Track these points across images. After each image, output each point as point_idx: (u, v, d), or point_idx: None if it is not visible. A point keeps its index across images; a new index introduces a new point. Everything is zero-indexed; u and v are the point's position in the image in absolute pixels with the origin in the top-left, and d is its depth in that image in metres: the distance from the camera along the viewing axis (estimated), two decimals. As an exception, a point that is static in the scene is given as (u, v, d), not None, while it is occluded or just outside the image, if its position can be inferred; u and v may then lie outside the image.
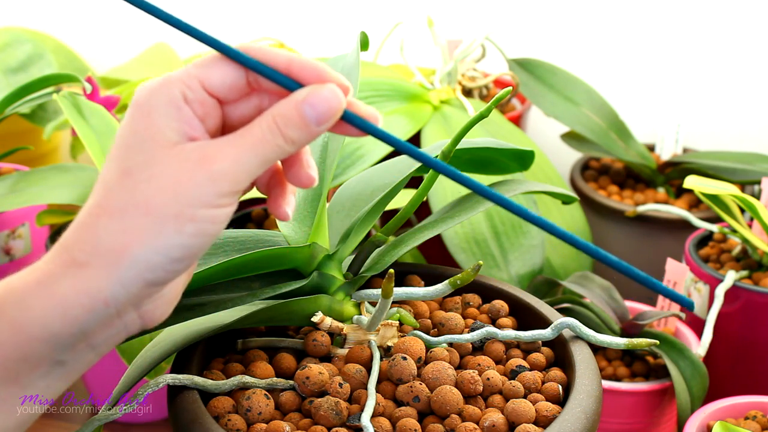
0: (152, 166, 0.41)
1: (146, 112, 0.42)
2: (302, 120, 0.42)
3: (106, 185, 0.42)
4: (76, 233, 0.42)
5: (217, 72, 0.43)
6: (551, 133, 1.23)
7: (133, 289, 0.42)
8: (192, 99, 0.43)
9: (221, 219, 0.42)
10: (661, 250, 1.02)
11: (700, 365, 0.83)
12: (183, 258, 0.42)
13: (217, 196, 0.42)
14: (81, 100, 0.88)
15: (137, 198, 0.41)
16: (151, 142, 0.42)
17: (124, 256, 0.41)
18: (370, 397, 0.53)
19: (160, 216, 0.41)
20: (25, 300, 0.41)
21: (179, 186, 0.41)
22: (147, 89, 0.43)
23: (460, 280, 0.56)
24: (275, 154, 0.43)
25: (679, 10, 1.25)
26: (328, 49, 1.35)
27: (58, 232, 0.97)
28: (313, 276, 0.59)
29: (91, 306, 0.41)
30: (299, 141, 0.43)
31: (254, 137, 0.42)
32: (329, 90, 0.43)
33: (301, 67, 0.43)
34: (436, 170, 0.45)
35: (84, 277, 0.41)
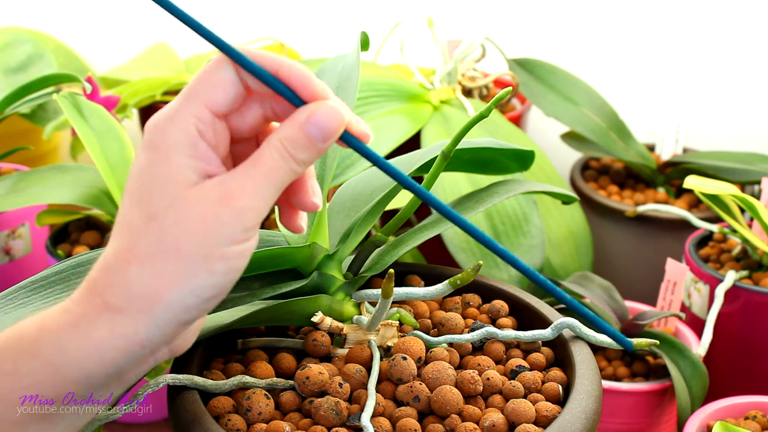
0: (176, 209, 0.42)
1: (163, 153, 0.42)
2: (309, 140, 0.43)
3: (132, 230, 0.42)
4: (107, 278, 0.42)
5: (220, 90, 0.44)
6: (551, 133, 1.23)
7: (168, 330, 0.42)
8: (205, 131, 0.43)
9: (249, 252, 0.43)
10: (661, 250, 1.02)
11: (700, 365, 0.83)
12: (215, 296, 0.43)
13: (244, 231, 0.42)
14: (81, 100, 0.88)
15: (166, 243, 0.41)
16: (172, 184, 0.42)
17: (158, 301, 0.41)
18: (370, 397, 0.53)
19: (191, 259, 0.41)
20: (62, 342, 0.41)
21: (206, 227, 0.42)
22: (160, 128, 0.43)
23: (460, 280, 0.56)
24: (289, 177, 0.44)
25: (679, 10, 1.25)
26: (328, 49, 1.35)
27: (58, 232, 0.97)
28: (313, 276, 0.59)
29: (127, 349, 0.42)
30: (309, 161, 0.44)
31: (268, 165, 0.43)
32: (329, 108, 0.44)
33: (290, 71, 0.44)
34: (418, 196, 0.47)
35: (120, 323, 0.41)
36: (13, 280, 0.79)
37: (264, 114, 0.46)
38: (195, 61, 1.27)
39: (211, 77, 0.44)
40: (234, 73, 0.44)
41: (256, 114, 0.46)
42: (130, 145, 0.89)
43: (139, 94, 1.14)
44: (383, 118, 0.97)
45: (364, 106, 0.97)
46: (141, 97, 1.14)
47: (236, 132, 0.46)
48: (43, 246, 1.01)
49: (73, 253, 0.92)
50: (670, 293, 0.91)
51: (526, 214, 0.90)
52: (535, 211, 0.91)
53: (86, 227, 0.96)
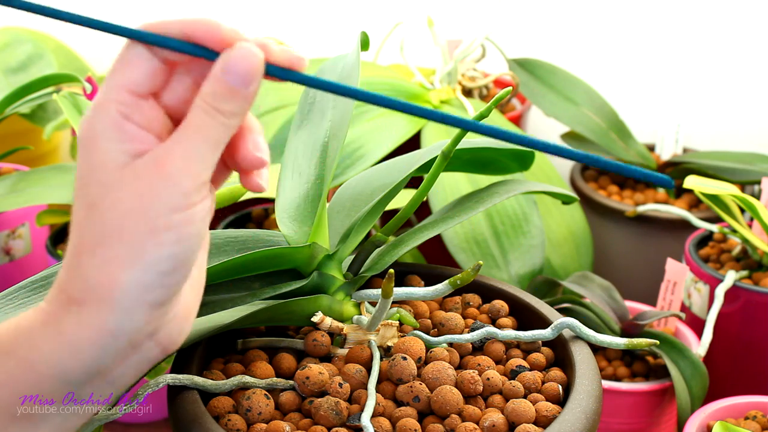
0: (112, 192, 0.41)
1: (90, 143, 0.42)
2: (230, 90, 0.42)
3: (77, 223, 0.42)
4: (66, 274, 0.42)
5: (134, 70, 0.42)
6: (551, 133, 1.23)
7: (137, 315, 0.41)
8: (130, 113, 0.42)
9: (198, 217, 0.42)
10: (661, 250, 1.02)
11: (700, 365, 0.83)
12: (174, 269, 0.41)
13: (183, 195, 0.41)
14: (81, 100, 0.88)
15: (108, 227, 0.41)
16: (102, 170, 0.41)
17: (115, 286, 0.40)
18: (370, 397, 0.53)
19: (136, 237, 0.40)
20: (34, 339, 0.41)
21: (143, 201, 0.40)
22: (86, 122, 0.42)
23: (460, 280, 0.56)
24: (222, 133, 0.42)
25: (679, 10, 1.25)
26: (328, 49, 1.35)
27: (58, 232, 0.97)
28: (313, 276, 0.59)
29: (98, 340, 0.41)
30: (238, 110, 0.42)
31: (195, 126, 0.42)
32: (242, 50, 0.42)
33: (194, 27, 0.42)
34: (374, 103, 0.43)
35: (85, 313, 0.41)
36: (13, 280, 0.79)
37: (195, 82, 0.44)
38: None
39: (123, 58, 0.42)
40: (144, 49, 0.43)
41: (186, 84, 0.44)
42: (130, 145, 0.89)
43: (139, 94, 1.14)
44: (383, 118, 0.97)
45: (364, 106, 0.97)
46: (141, 97, 1.14)
47: (172, 108, 0.44)
48: (43, 246, 1.01)
49: (73, 253, 0.92)
50: (670, 293, 0.91)
51: (526, 214, 0.90)
52: (535, 211, 0.91)
53: (86, 227, 0.96)
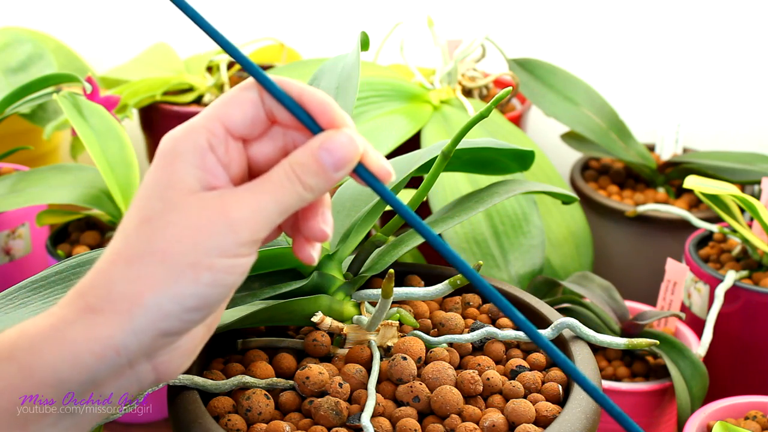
0: (170, 213, 0.41)
1: (170, 161, 0.42)
2: (320, 167, 0.42)
3: (124, 232, 0.42)
4: (91, 279, 0.41)
5: (238, 109, 0.43)
6: (551, 133, 1.23)
7: (146, 338, 0.41)
8: (216, 145, 0.42)
9: (239, 270, 0.42)
10: (661, 250, 1.02)
11: (700, 365, 0.83)
12: (198, 308, 0.41)
13: (237, 245, 0.41)
14: (81, 100, 0.88)
15: (154, 245, 0.40)
16: (171, 189, 0.41)
17: (136, 303, 0.40)
18: (370, 397, 0.53)
19: (176, 264, 0.40)
20: (37, 344, 0.40)
21: (197, 234, 0.40)
22: (172, 138, 0.42)
23: (460, 280, 0.56)
24: (295, 201, 0.42)
25: (679, 10, 1.25)
26: (328, 49, 1.35)
27: (58, 232, 0.97)
28: (313, 276, 0.59)
29: (101, 353, 0.40)
30: (317, 188, 0.42)
31: (273, 185, 0.42)
32: (345, 137, 0.42)
33: (311, 98, 0.43)
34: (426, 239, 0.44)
35: (96, 324, 0.40)
36: (13, 280, 0.79)
37: (285, 146, 0.44)
38: (195, 61, 1.27)
39: (232, 96, 0.43)
40: (256, 95, 0.43)
41: (277, 145, 0.44)
42: (130, 145, 0.89)
43: (139, 94, 1.14)
44: (383, 118, 0.97)
45: (364, 106, 0.97)
46: (141, 97, 1.14)
47: (255, 161, 0.44)
48: (43, 246, 1.01)
49: (73, 253, 0.92)
50: (670, 293, 0.91)
51: (526, 214, 0.90)
52: (535, 211, 0.91)
53: (86, 227, 0.96)
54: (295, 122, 0.44)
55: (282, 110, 0.43)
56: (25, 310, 0.55)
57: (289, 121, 0.44)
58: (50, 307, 0.42)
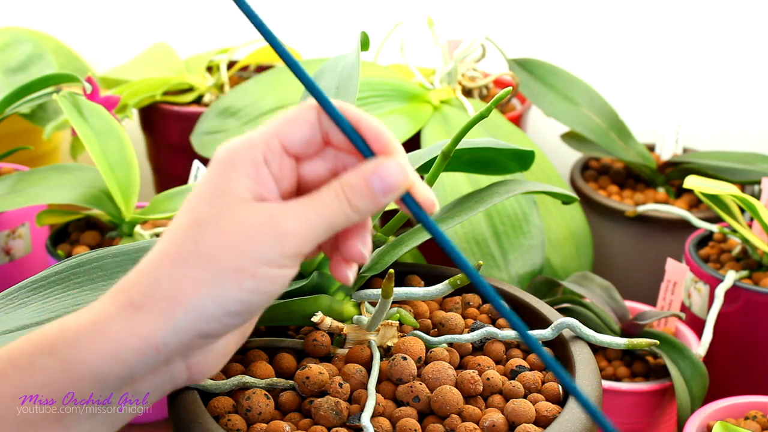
0: (221, 218, 0.42)
1: (225, 169, 0.43)
2: (369, 190, 0.44)
3: (173, 233, 0.43)
4: (136, 277, 0.42)
5: (296, 129, 0.45)
6: (551, 133, 1.23)
7: (185, 338, 0.42)
8: (271, 160, 0.44)
9: (282, 280, 0.43)
10: (661, 250, 1.02)
11: (700, 365, 0.83)
12: (238, 313, 0.42)
13: (282, 256, 0.42)
14: (81, 100, 0.88)
15: (202, 248, 0.42)
16: (223, 196, 0.43)
17: (180, 303, 0.41)
18: (370, 397, 0.53)
19: (222, 268, 0.41)
20: (79, 339, 0.41)
21: (246, 242, 0.42)
22: (230, 148, 0.44)
23: (460, 280, 0.56)
24: (341, 221, 0.44)
25: (679, 10, 1.25)
26: (328, 49, 1.35)
27: (58, 232, 0.97)
28: (313, 276, 0.59)
29: (142, 350, 0.41)
30: (364, 210, 0.44)
31: (322, 203, 0.43)
32: (397, 164, 0.44)
33: (367, 124, 0.45)
34: None
35: (138, 320, 0.41)
36: (13, 280, 0.79)
37: (335, 168, 0.46)
38: (195, 61, 1.27)
39: (293, 115, 0.45)
40: (315, 117, 0.45)
41: (327, 166, 0.46)
42: (130, 145, 0.89)
43: (139, 94, 1.14)
44: (383, 118, 0.97)
45: (364, 106, 0.97)
46: (141, 97, 1.14)
47: (305, 179, 0.46)
48: (43, 246, 1.01)
49: (73, 253, 0.92)
50: (670, 293, 0.91)
51: (526, 214, 0.90)
52: (535, 211, 0.91)
53: (86, 227, 0.96)
54: (348, 146, 0.45)
55: (337, 133, 0.45)
56: (25, 310, 0.55)
57: (342, 144, 0.45)
58: (92, 303, 0.43)
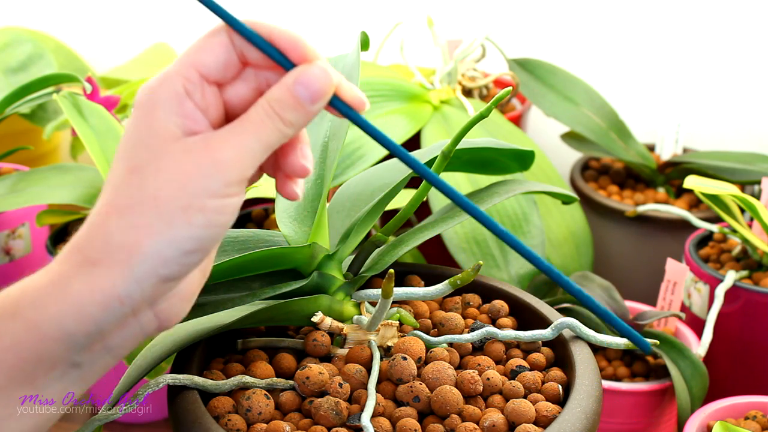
0: (158, 160, 0.42)
1: (149, 110, 0.43)
2: (297, 101, 0.43)
3: (113, 184, 0.42)
4: (87, 233, 0.42)
5: (210, 54, 0.44)
6: (551, 133, 1.23)
7: (147, 285, 0.42)
8: (192, 91, 0.43)
9: (230, 209, 0.43)
10: (661, 250, 1.02)
11: (700, 365, 0.83)
12: (195, 250, 0.42)
13: (225, 184, 0.42)
14: (81, 100, 0.88)
15: (145, 193, 0.41)
16: (155, 137, 0.42)
17: (135, 251, 0.41)
18: (370, 397, 0.53)
19: (169, 209, 0.41)
20: (40, 300, 0.41)
21: (186, 177, 0.41)
22: (148, 88, 0.43)
23: (460, 280, 0.56)
24: (276, 138, 0.43)
25: (679, 10, 1.25)
26: (328, 49, 1.35)
27: (58, 232, 0.97)
28: (313, 276, 0.59)
29: (105, 303, 0.41)
30: (297, 122, 0.44)
31: (254, 124, 0.43)
32: (319, 68, 0.43)
33: (281, 35, 0.44)
34: (415, 170, 0.45)
35: (97, 275, 0.41)
36: (13, 280, 0.79)
37: (259, 86, 0.46)
38: (195, 61, 1.27)
39: (203, 41, 0.44)
40: (227, 38, 0.44)
41: (250, 86, 0.45)
42: (130, 145, 0.89)
43: (139, 94, 1.14)
44: (383, 118, 0.97)
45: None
46: (141, 97, 1.14)
47: (230, 104, 0.45)
48: (43, 246, 1.01)
49: (73, 253, 0.92)
50: (670, 293, 0.91)
51: (526, 214, 0.90)
52: (535, 211, 0.91)
53: (86, 227, 0.96)
54: (267, 61, 0.45)
55: (253, 50, 0.44)
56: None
57: (261, 61, 0.45)
58: (48, 265, 0.43)
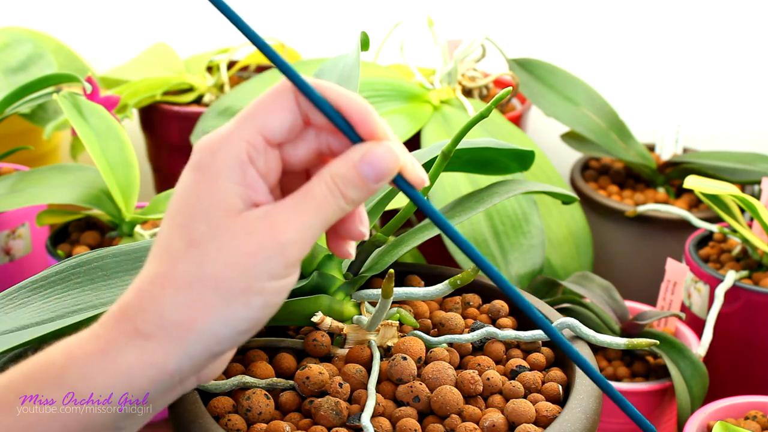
0: (219, 237, 0.41)
1: (211, 177, 0.41)
2: (361, 180, 0.42)
3: (171, 255, 0.41)
4: (139, 303, 0.41)
5: (276, 118, 0.42)
6: (551, 133, 1.23)
7: (199, 361, 0.41)
8: (256, 157, 0.42)
9: (287, 289, 0.42)
10: (661, 250, 1.02)
11: (700, 365, 0.83)
12: (249, 330, 0.42)
13: (285, 266, 0.41)
14: (81, 100, 0.88)
15: (205, 271, 0.40)
16: (216, 210, 0.41)
17: (191, 330, 0.40)
18: (370, 397, 0.53)
19: (229, 291, 0.40)
20: (87, 369, 0.40)
21: (248, 260, 0.40)
22: (210, 150, 0.41)
23: (460, 280, 0.56)
24: (336, 214, 0.42)
25: (679, 10, 1.25)
26: (328, 49, 1.35)
27: (58, 232, 0.97)
28: (313, 276, 0.59)
29: (156, 378, 0.41)
30: (358, 200, 0.43)
31: (316, 200, 0.42)
32: (386, 149, 0.42)
33: (350, 105, 0.43)
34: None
35: (150, 350, 0.40)
36: (13, 280, 0.79)
37: (319, 148, 0.44)
38: (195, 61, 1.27)
39: (270, 103, 0.42)
40: (293, 101, 0.42)
41: (310, 147, 0.44)
42: (130, 145, 0.89)
43: (139, 94, 1.14)
44: (383, 118, 0.97)
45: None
46: (141, 97, 1.14)
47: (288, 163, 0.44)
48: (43, 246, 1.01)
49: (73, 253, 0.92)
50: (670, 293, 0.91)
51: (526, 214, 0.90)
52: (535, 211, 0.91)
53: (86, 227, 0.96)
54: (330, 125, 0.43)
55: (318, 114, 0.43)
56: (25, 310, 0.55)
57: (324, 124, 0.43)
58: (92, 327, 0.42)
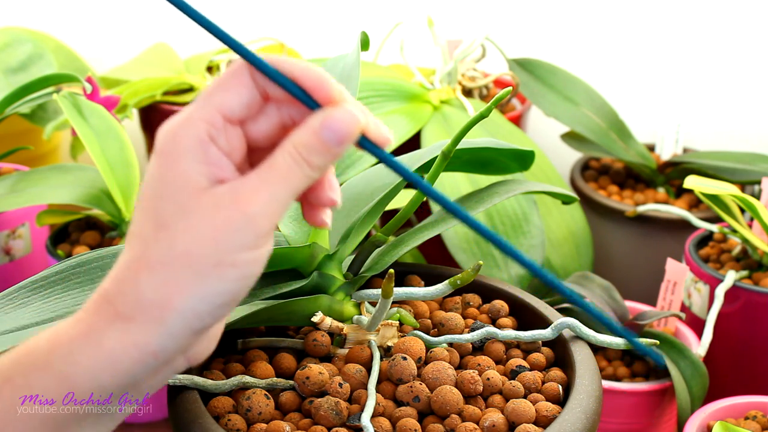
0: (187, 216, 0.41)
1: (173, 160, 0.42)
2: (323, 145, 0.42)
3: (142, 238, 0.42)
4: (117, 287, 0.42)
5: (233, 95, 0.43)
6: (551, 133, 1.23)
7: (181, 339, 0.42)
8: (217, 136, 0.42)
9: (261, 260, 0.42)
10: (661, 250, 1.02)
11: (700, 365, 0.83)
12: (227, 303, 0.42)
13: (256, 237, 0.42)
14: (81, 100, 0.88)
15: (176, 250, 0.41)
16: (181, 190, 0.41)
17: (169, 308, 0.41)
18: (370, 397, 0.53)
19: (201, 266, 0.41)
20: (73, 353, 0.41)
21: (217, 234, 0.41)
22: (170, 133, 0.42)
23: (460, 280, 0.56)
24: (303, 183, 0.43)
25: (679, 10, 1.25)
26: (328, 49, 1.35)
27: (58, 232, 0.97)
28: (313, 276, 0.59)
29: (140, 358, 0.41)
30: (323, 165, 0.43)
31: (281, 170, 0.42)
32: (345, 112, 0.43)
33: (305, 74, 0.43)
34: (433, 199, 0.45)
35: (131, 332, 0.41)
36: (13, 280, 0.79)
37: (281, 121, 0.45)
38: (195, 61, 1.27)
39: (225, 82, 0.43)
40: (249, 78, 0.43)
41: (273, 121, 0.45)
42: (130, 145, 0.89)
43: (139, 94, 1.14)
44: (383, 118, 0.97)
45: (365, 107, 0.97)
46: (141, 97, 1.14)
47: (253, 140, 0.45)
48: (43, 246, 1.01)
49: (73, 253, 0.92)
50: (670, 293, 0.91)
51: (526, 214, 0.90)
52: (535, 211, 0.91)
53: (86, 227, 0.96)
54: (289, 98, 0.44)
55: (276, 87, 0.43)
56: (25, 310, 0.55)
57: (283, 97, 0.44)
58: (77, 313, 0.42)
